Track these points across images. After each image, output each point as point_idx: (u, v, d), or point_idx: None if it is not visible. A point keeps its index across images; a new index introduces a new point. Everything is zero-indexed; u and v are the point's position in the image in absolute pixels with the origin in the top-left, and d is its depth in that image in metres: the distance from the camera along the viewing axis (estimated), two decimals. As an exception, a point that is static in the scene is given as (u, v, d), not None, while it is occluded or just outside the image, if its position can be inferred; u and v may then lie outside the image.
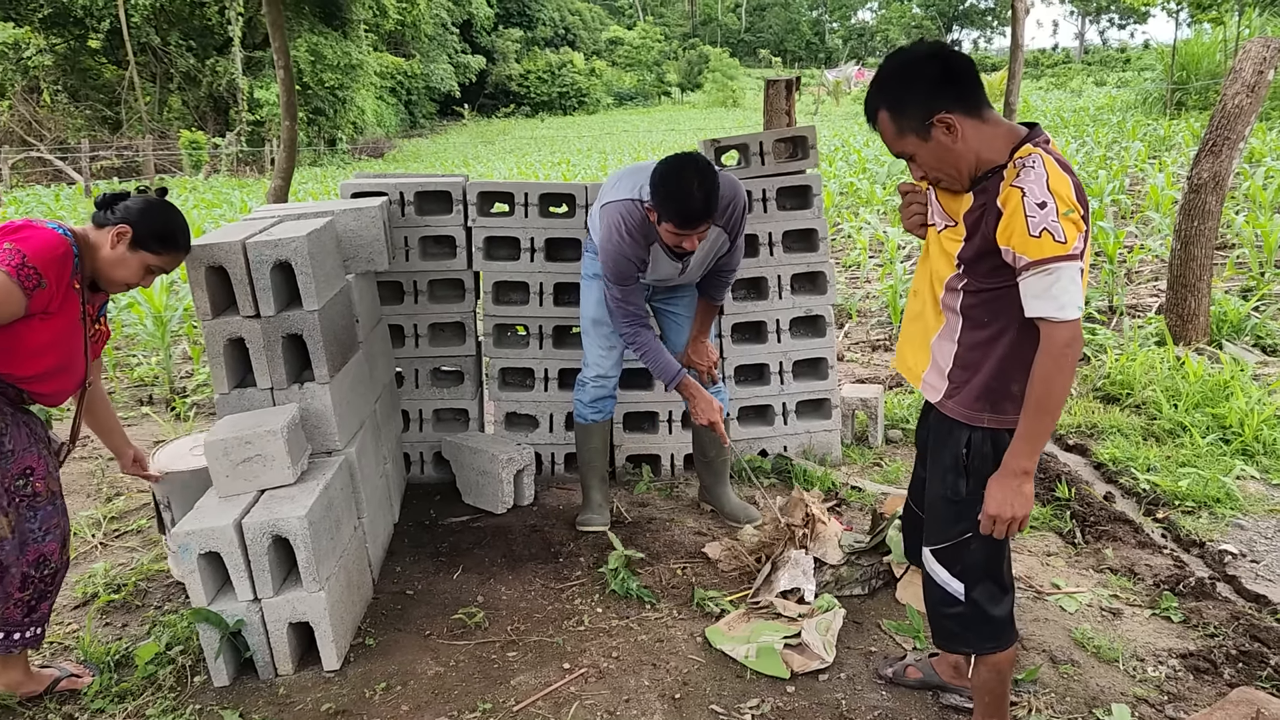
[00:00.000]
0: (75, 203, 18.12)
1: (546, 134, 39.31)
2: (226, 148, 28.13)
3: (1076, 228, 1.90)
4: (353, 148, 33.88)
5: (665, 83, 64.63)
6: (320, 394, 3.33)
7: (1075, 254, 1.89)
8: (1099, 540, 3.77)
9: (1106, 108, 24.11)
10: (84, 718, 2.85)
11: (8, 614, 2.74)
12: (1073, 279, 1.90)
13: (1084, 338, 4.08)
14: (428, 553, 3.88)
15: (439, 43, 47.65)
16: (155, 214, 2.76)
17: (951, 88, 2.02)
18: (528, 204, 4.46)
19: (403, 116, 44.35)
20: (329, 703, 2.87)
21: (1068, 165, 2.01)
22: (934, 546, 2.27)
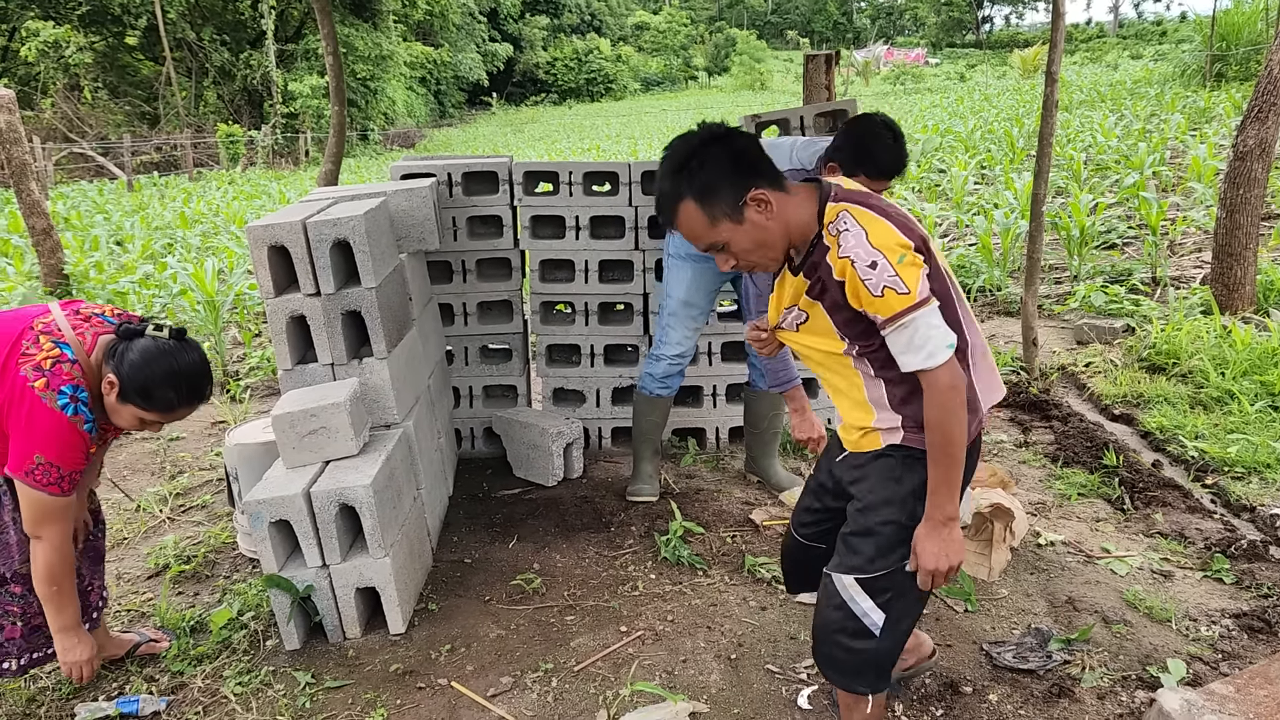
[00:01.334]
0: (119, 197, 18.45)
1: (574, 121, 39.37)
2: (262, 140, 28.45)
3: (916, 267, 1.88)
4: (384, 138, 34.14)
5: (692, 67, 64.46)
6: (379, 369, 3.42)
7: (923, 298, 1.86)
8: (1148, 506, 3.79)
9: (1144, 81, 23.73)
10: (164, 679, 2.97)
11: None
12: (929, 323, 1.87)
13: (1126, 307, 4.01)
14: (482, 524, 3.98)
15: (467, 32, 47.81)
16: (142, 367, 2.44)
17: (753, 163, 1.95)
18: (572, 183, 4.52)
19: (432, 106, 44.61)
20: (397, 664, 2.97)
21: (877, 202, 1.98)
22: (863, 575, 2.07)
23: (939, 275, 2.00)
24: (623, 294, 4.59)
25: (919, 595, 2.13)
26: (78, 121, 27.41)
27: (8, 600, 2.64)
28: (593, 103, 53.77)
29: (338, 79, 5.40)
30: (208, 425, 5.44)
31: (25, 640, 2.69)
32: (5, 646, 2.67)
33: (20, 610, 2.65)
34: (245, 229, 3.29)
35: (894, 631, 2.10)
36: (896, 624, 2.10)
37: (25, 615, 2.65)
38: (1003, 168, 11.66)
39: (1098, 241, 7.89)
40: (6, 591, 2.63)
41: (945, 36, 69.42)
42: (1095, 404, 4.90)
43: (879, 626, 2.07)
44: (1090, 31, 61.55)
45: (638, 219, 4.50)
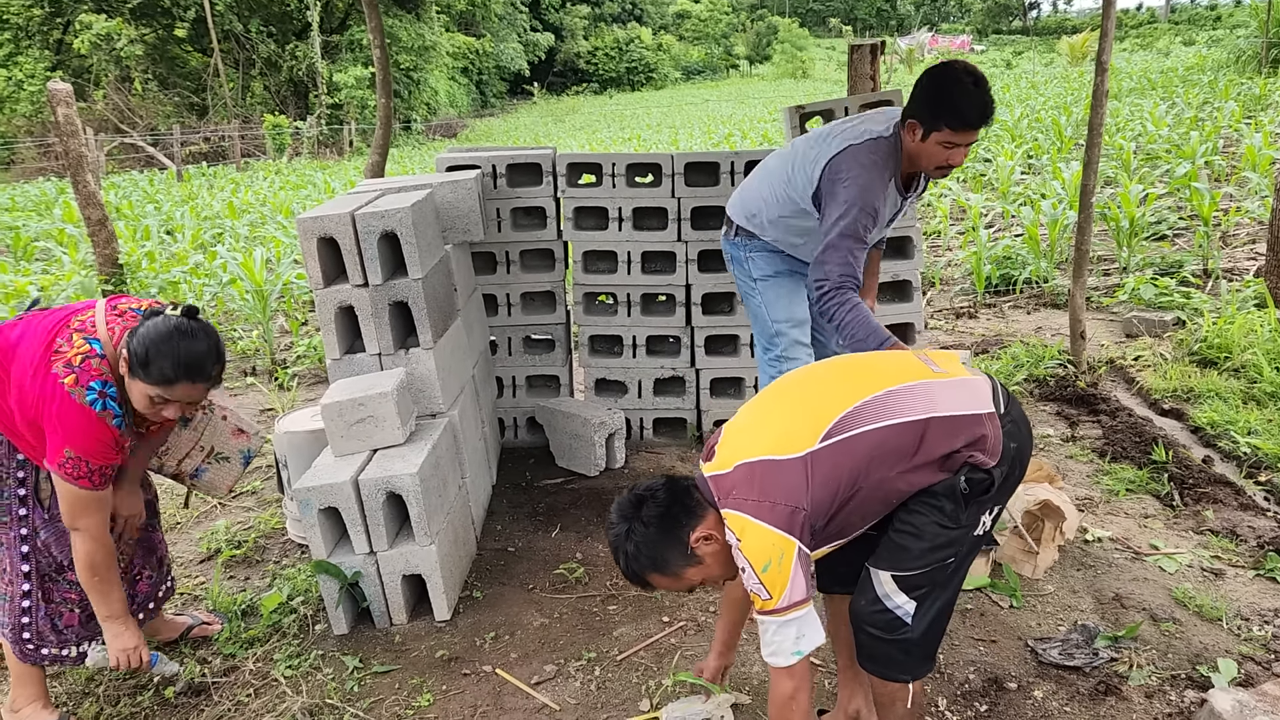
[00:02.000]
0: (169, 187, 18.78)
1: (615, 110, 39.35)
2: (307, 131, 28.78)
3: (782, 572, 1.93)
4: (426, 128, 34.36)
5: (733, 55, 64.08)
6: (425, 359, 3.46)
7: (779, 608, 1.94)
8: (1198, 502, 3.72)
9: (1196, 68, 23.20)
10: (216, 661, 3.05)
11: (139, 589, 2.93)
12: (780, 630, 1.96)
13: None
14: (525, 512, 4.01)
15: (509, 21, 47.93)
16: (145, 339, 2.41)
17: (675, 516, 2.07)
18: (615, 174, 4.53)
19: (474, 96, 44.80)
20: (442, 650, 3.02)
21: (756, 492, 1.99)
22: (899, 573, 2.09)
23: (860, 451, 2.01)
24: (665, 285, 4.60)
25: (955, 589, 2.16)
26: (128, 113, 27.91)
27: (65, 588, 2.70)
28: (633, 92, 53.68)
29: (384, 71, 5.45)
30: (256, 413, 5.53)
31: (83, 627, 2.75)
32: (65, 634, 2.73)
33: (78, 598, 2.71)
34: (295, 221, 3.35)
35: (927, 617, 2.12)
36: (929, 611, 2.12)
37: (83, 602, 2.71)
38: (1050, 157, 11.48)
39: (1148, 233, 7.74)
40: (65, 579, 2.70)
41: (991, 23, 68.32)
42: (1144, 398, 4.82)
43: (911, 615, 2.10)
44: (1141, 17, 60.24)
45: (680, 210, 4.50)
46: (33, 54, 28.19)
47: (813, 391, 2.18)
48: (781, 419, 2.11)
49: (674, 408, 4.71)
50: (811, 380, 2.26)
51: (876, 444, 2.01)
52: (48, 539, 2.64)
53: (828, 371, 2.27)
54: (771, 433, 2.07)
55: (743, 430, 2.14)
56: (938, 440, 2.04)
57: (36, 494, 2.62)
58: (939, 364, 2.18)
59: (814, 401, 2.11)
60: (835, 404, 2.06)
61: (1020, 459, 2.13)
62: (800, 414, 2.09)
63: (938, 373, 2.14)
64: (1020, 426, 2.13)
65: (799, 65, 52.92)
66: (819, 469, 1.99)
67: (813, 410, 2.07)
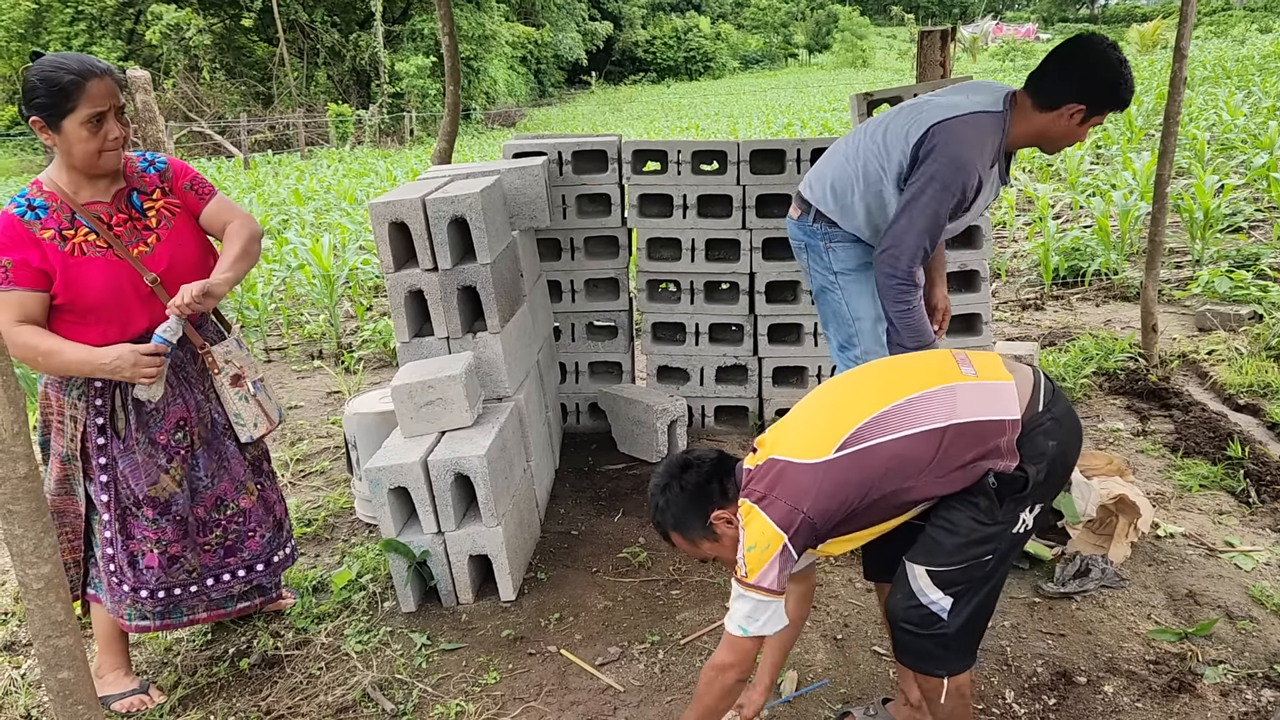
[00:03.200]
0: (235, 174, 19.18)
1: (673, 99, 39.24)
2: (369, 119, 29.18)
3: (762, 559, 2.00)
4: (485, 117, 34.62)
5: (792, 44, 63.48)
6: (492, 343, 3.51)
7: (752, 584, 2.01)
8: (1276, 500, 3.63)
9: (1274, 55, 22.45)
10: (289, 635, 3.13)
11: (204, 560, 2.85)
12: (738, 601, 2.05)
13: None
14: (588, 497, 4.05)
15: (567, 10, 48.01)
16: (29, 75, 2.42)
17: (717, 489, 2.16)
18: (680, 162, 4.53)
19: (532, 85, 44.98)
20: (508, 629, 3.06)
21: (766, 487, 2.06)
22: (934, 568, 2.09)
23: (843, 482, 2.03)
24: (729, 273, 4.60)
25: (996, 587, 2.16)
26: (196, 101, 28.53)
27: (145, 525, 2.71)
28: (691, 81, 53.48)
29: (453, 60, 5.51)
30: (324, 395, 5.65)
31: (164, 571, 2.75)
32: (144, 574, 2.74)
33: (155, 536, 2.72)
34: (367, 206, 3.41)
35: (963, 614, 2.12)
36: (966, 608, 2.12)
37: (161, 543, 2.73)
38: (1120, 147, 11.21)
39: (1223, 224, 7.53)
40: (144, 516, 2.70)
41: (1058, 11, 66.74)
42: (1218, 393, 4.70)
43: (946, 611, 2.11)
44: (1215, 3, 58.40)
45: (745, 198, 4.49)
46: (106, 44, 28.99)
47: (841, 398, 2.21)
48: (811, 422, 2.17)
49: (736, 396, 4.71)
50: (844, 385, 2.28)
51: (893, 455, 2.02)
52: (125, 469, 2.66)
53: (860, 377, 2.28)
54: (799, 434, 2.13)
55: (782, 427, 2.21)
56: (956, 449, 2.03)
57: (113, 424, 2.65)
58: (975, 364, 2.15)
59: (839, 409, 2.14)
60: (856, 412, 2.08)
61: (1062, 458, 2.10)
62: (825, 420, 2.13)
63: (967, 375, 2.11)
64: (1063, 423, 2.10)
65: (859, 54, 52.27)
66: (830, 478, 2.02)
67: (836, 418, 2.10)
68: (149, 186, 2.69)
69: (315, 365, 6.21)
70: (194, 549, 2.82)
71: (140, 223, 2.64)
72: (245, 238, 2.75)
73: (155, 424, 2.69)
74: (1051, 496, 2.17)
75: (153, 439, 2.68)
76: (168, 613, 2.82)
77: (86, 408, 2.62)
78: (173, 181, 2.74)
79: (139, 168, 2.70)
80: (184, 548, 2.78)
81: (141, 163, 2.73)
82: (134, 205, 2.65)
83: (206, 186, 2.82)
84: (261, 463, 3.02)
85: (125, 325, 2.59)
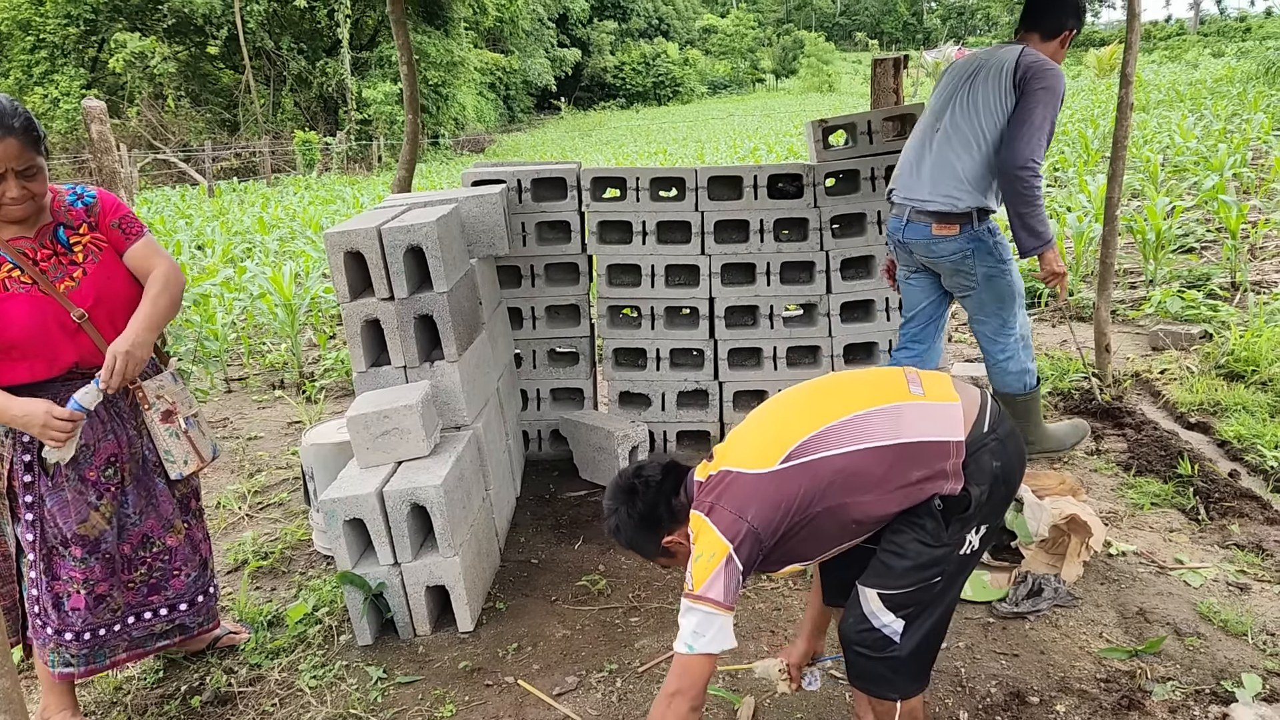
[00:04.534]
0: (200, 202, 19.06)
1: (642, 125, 39.51)
2: (336, 146, 29.13)
3: (708, 569, 2.01)
4: (454, 143, 34.67)
5: (759, 69, 64.22)
6: (450, 371, 3.51)
7: (698, 596, 2.00)
8: (1224, 516, 3.69)
9: (1225, 79, 23.00)
10: (243, 670, 3.09)
11: (127, 598, 2.80)
12: (686, 615, 2.03)
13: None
14: (549, 524, 4.04)
15: (536, 37, 48.32)
16: None
17: (665, 512, 2.20)
18: (639, 188, 4.57)
19: (501, 111, 45.15)
20: (465, 661, 3.04)
21: (714, 496, 2.09)
22: (884, 590, 2.12)
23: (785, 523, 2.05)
24: (689, 298, 4.63)
25: (947, 609, 2.18)
26: (161, 129, 28.40)
27: (71, 565, 2.65)
28: (660, 106, 53.88)
29: (412, 88, 5.53)
30: (284, 425, 5.61)
31: (90, 613, 2.69)
32: (69, 617, 2.68)
33: (82, 576, 2.66)
34: (323, 235, 3.40)
35: (915, 637, 2.13)
36: (917, 631, 2.13)
37: (88, 581, 2.67)
38: (1076, 170, 11.41)
39: (1174, 245, 7.67)
40: (70, 555, 2.65)
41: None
42: (1170, 411, 4.78)
43: (899, 634, 2.12)
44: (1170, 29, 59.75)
45: (704, 224, 4.53)
46: (68, 72, 28.77)
47: (790, 410, 2.22)
48: (760, 433, 2.18)
49: (697, 420, 4.73)
50: (794, 397, 2.29)
51: (838, 469, 2.04)
52: (53, 507, 2.61)
53: (811, 390, 2.29)
54: (749, 445, 2.15)
55: (735, 437, 2.23)
56: (901, 467, 2.05)
57: (41, 462, 2.60)
58: (924, 384, 2.18)
59: (788, 421, 2.16)
60: (804, 425, 2.10)
61: (1006, 478, 2.12)
62: (773, 432, 2.14)
63: (915, 395, 2.14)
64: (1006, 444, 2.12)
65: (825, 79, 52.93)
66: (774, 488, 2.04)
67: (784, 430, 2.12)
68: (76, 221, 2.64)
69: (276, 395, 6.17)
70: (119, 586, 2.76)
71: (66, 258, 2.60)
72: (161, 291, 2.65)
73: (85, 460, 2.64)
74: (997, 517, 2.20)
75: (82, 476, 2.64)
76: (93, 656, 2.74)
77: (14, 445, 2.58)
78: (100, 217, 2.68)
79: (66, 201, 2.66)
80: (111, 586, 2.72)
81: (70, 196, 2.67)
82: (60, 240, 2.61)
83: (135, 226, 2.75)
84: (190, 501, 2.96)
85: (52, 361, 2.56)
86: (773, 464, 2.05)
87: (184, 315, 6.98)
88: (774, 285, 4.59)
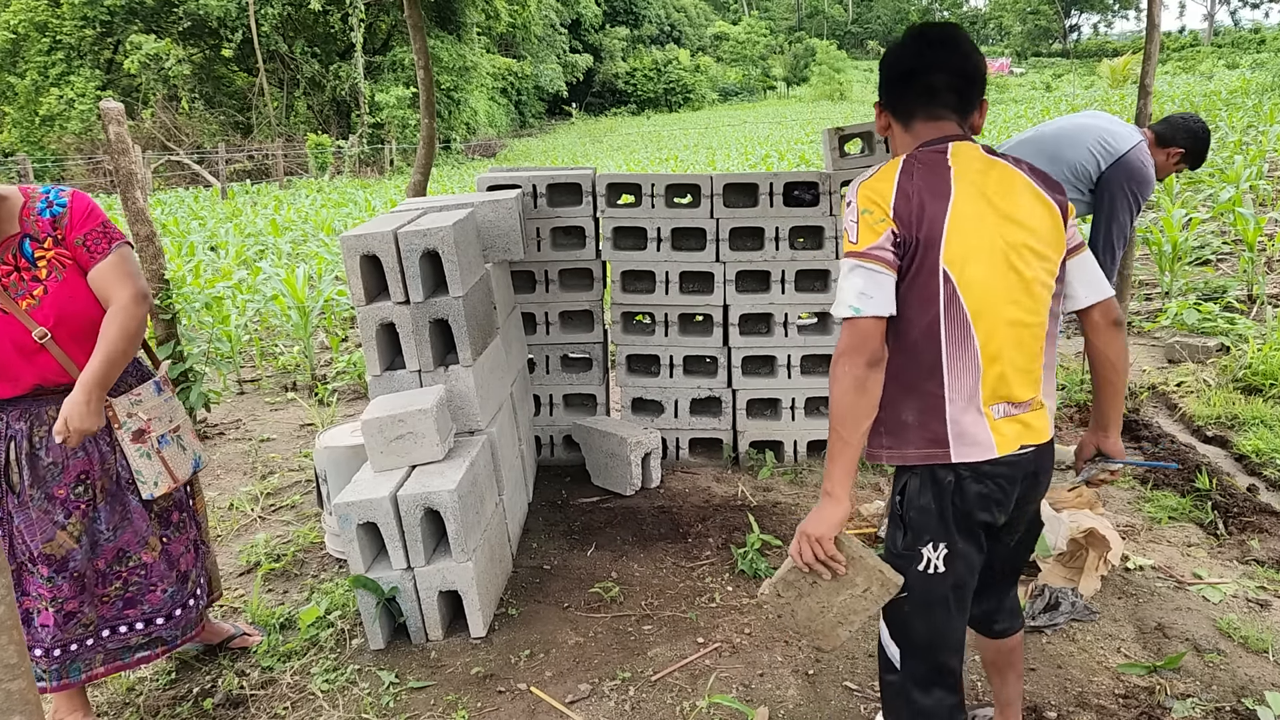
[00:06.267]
0: (213, 204, 19.13)
1: (653, 131, 39.54)
2: (349, 149, 29.22)
3: (873, 231, 1.84)
4: (466, 147, 34.74)
5: (771, 77, 64.25)
6: (464, 376, 3.50)
7: (862, 252, 1.84)
8: (1243, 532, 3.66)
9: (1240, 91, 22.92)
10: (255, 673, 3.08)
11: (102, 612, 2.73)
12: (853, 276, 1.85)
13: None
14: (561, 530, 4.03)
15: (548, 43, 48.42)
16: None
17: (892, 82, 2.09)
18: (654, 195, 4.56)
19: (513, 116, 45.24)
20: (478, 666, 3.03)
21: (913, 169, 1.90)
22: None
23: (928, 291, 1.86)
24: (703, 305, 4.61)
25: (918, 632, 2.03)
26: (175, 131, 28.52)
27: (40, 582, 2.61)
28: (671, 113, 53.93)
29: (428, 93, 5.54)
30: (297, 428, 5.61)
31: (60, 630, 2.64)
32: (38, 632, 2.64)
33: (51, 594, 2.62)
34: (339, 238, 3.40)
35: (909, 664, 2.05)
36: (909, 661, 2.05)
37: (56, 599, 2.62)
38: (1091, 180, 11.35)
39: (1191, 257, 7.64)
40: (39, 572, 2.61)
41: (1031, 45, 67.89)
42: (1187, 425, 4.75)
43: (898, 659, 2.08)
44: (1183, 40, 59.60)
45: (719, 231, 4.52)
46: (84, 73, 28.96)
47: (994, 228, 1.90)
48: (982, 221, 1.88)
49: (710, 428, 4.71)
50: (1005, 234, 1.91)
51: (916, 298, 1.87)
52: (20, 524, 2.58)
53: (1010, 248, 1.90)
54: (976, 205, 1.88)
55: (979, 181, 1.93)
56: (918, 379, 1.89)
57: (7, 478, 2.56)
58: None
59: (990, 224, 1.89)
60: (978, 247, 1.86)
61: (962, 503, 1.93)
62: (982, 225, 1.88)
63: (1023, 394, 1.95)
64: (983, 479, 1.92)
65: (836, 87, 52.93)
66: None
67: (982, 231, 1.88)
68: (42, 234, 2.52)
69: (289, 397, 6.17)
70: (92, 602, 2.70)
71: (29, 273, 2.49)
72: (117, 336, 2.53)
73: (54, 478, 2.58)
74: (956, 541, 1.95)
75: (50, 494, 2.58)
76: (65, 671, 2.69)
77: None
78: (67, 230, 2.55)
79: (36, 209, 2.54)
80: (81, 603, 2.67)
81: (40, 204, 2.55)
82: (25, 254, 2.50)
83: (101, 244, 2.58)
84: (171, 514, 2.85)
85: (15, 382, 2.51)
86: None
87: (197, 317, 6.98)
88: (789, 293, 4.57)
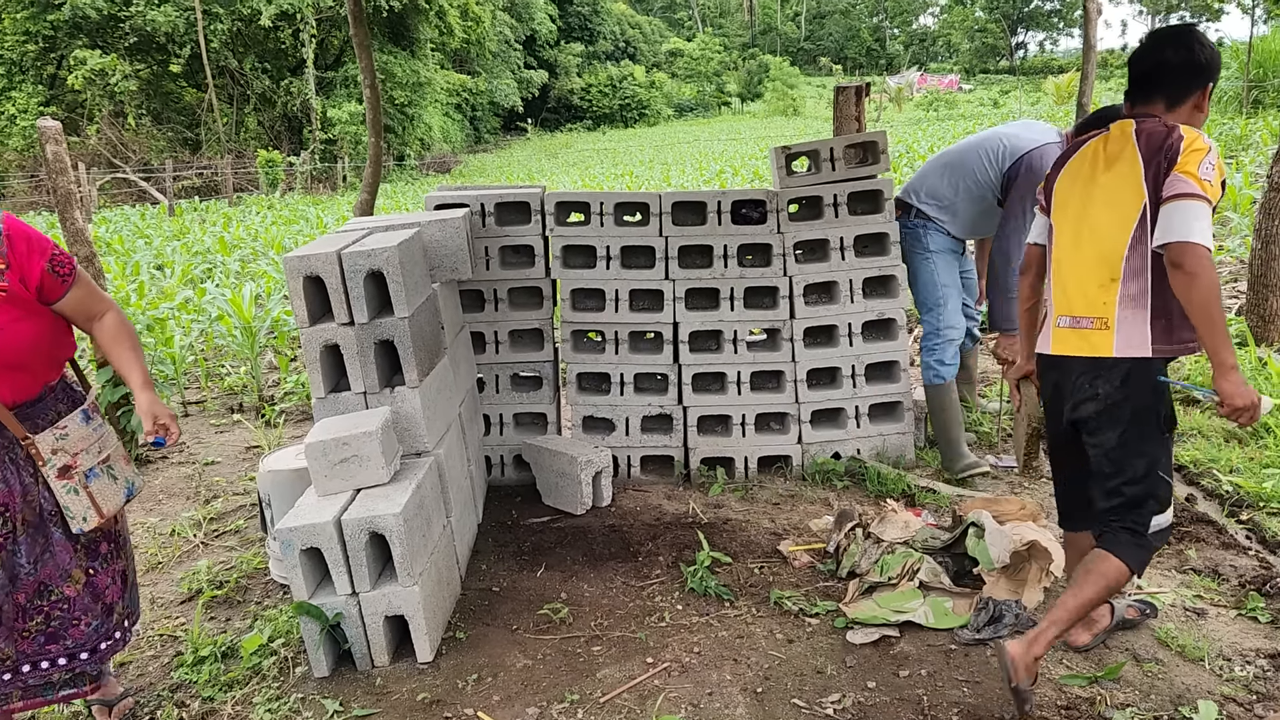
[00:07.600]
0: (160, 222, 18.81)
1: (608, 146, 39.65)
2: (301, 166, 28.93)
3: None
4: (420, 163, 34.57)
5: (725, 93, 64.72)
6: (410, 397, 3.47)
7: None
8: (1181, 541, 3.73)
9: (1181, 107, 23.46)
10: (195, 704, 3.01)
11: (22, 647, 2.64)
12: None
13: None
14: (511, 551, 4.00)
15: (502, 59, 48.37)
16: None
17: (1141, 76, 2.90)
18: (603, 213, 4.57)
19: (468, 132, 45.09)
20: (424, 693, 2.99)
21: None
22: None
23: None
24: (653, 323, 4.62)
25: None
26: (121, 147, 28.05)
27: None
28: (626, 128, 54.11)
29: (375, 111, 5.51)
30: (242, 450, 5.52)
31: None
32: None
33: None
34: (282, 260, 3.36)
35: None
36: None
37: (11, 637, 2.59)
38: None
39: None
40: None
41: (979, 63, 69.20)
42: (1129, 437, 4.84)
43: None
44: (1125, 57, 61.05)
45: (668, 249, 4.54)
46: (26, 89, 28.35)
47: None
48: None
49: (661, 445, 4.71)
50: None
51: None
52: None
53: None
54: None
55: None
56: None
57: None
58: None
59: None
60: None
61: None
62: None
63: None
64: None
65: (790, 103, 53.46)
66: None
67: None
68: None
69: (235, 419, 6.07)
70: (10, 637, 2.59)
71: None
72: (132, 344, 2.63)
73: None
74: None
75: None
76: None
77: None
78: (7, 259, 2.43)
79: None
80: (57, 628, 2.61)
81: None
82: None
83: (66, 265, 2.55)
84: (100, 545, 2.74)
85: None
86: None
87: (140, 338, 6.85)
88: (738, 310, 4.60)
